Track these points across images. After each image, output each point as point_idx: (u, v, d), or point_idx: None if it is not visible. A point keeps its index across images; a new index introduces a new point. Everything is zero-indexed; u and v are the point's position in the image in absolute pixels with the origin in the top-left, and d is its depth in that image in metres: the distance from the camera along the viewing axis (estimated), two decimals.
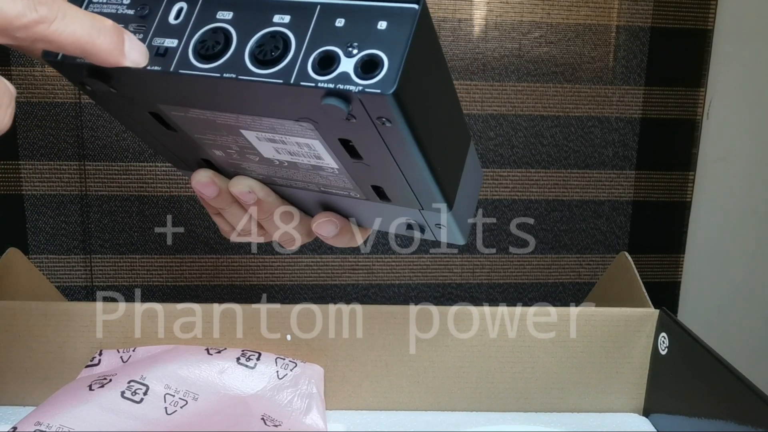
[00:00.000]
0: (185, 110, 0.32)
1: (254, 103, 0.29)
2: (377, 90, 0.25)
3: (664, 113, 0.73)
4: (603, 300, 0.60)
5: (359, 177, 0.33)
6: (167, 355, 0.48)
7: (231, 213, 0.39)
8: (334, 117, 0.28)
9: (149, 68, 0.29)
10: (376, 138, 0.29)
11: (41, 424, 0.41)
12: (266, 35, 0.28)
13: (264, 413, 0.46)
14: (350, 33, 0.27)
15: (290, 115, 0.29)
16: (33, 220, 0.69)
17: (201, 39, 0.29)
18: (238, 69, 0.28)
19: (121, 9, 0.30)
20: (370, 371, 0.52)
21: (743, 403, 0.40)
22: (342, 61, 0.26)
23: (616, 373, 0.53)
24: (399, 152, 0.30)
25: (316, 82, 0.26)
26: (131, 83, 0.30)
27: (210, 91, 0.29)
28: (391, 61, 0.26)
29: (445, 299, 0.75)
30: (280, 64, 0.27)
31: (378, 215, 0.39)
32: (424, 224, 0.38)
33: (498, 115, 0.71)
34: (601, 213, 0.75)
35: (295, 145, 0.32)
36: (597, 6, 0.70)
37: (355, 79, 0.26)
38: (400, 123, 0.27)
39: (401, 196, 0.35)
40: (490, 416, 0.52)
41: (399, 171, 0.31)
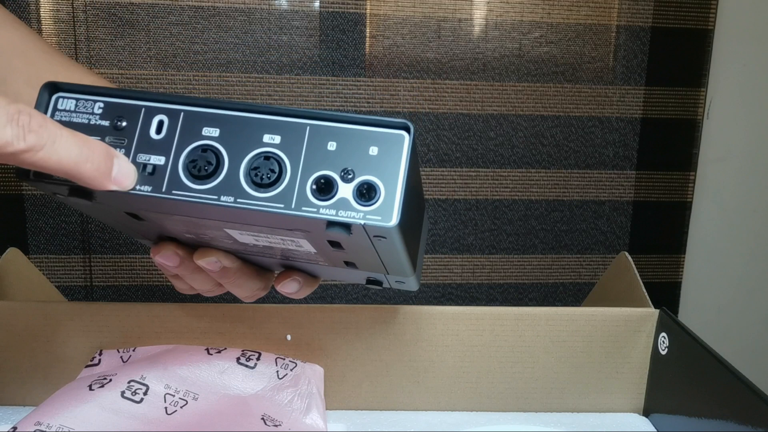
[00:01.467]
0: (168, 216, 0.31)
1: (248, 220, 0.29)
2: (379, 219, 0.27)
3: (664, 113, 0.73)
4: (603, 300, 0.60)
5: (334, 257, 0.34)
6: (167, 355, 0.48)
7: (191, 278, 0.39)
8: (332, 236, 0.28)
9: (139, 189, 0.28)
10: (366, 243, 0.30)
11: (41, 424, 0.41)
12: (260, 156, 0.28)
13: (264, 413, 0.46)
14: (343, 157, 0.27)
15: (285, 228, 0.30)
16: (33, 220, 0.69)
17: (191, 158, 0.28)
18: (234, 192, 0.28)
19: (93, 119, 0.29)
20: (370, 371, 0.51)
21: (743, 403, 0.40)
22: (340, 187, 0.27)
23: (616, 373, 0.53)
24: (385, 252, 0.31)
25: (318, 209, 0.27)
26: (115, 199, 0.29)
27: (202, 210, 0.29)
28: (388, 189, 0.27)
29: (445, 299, 0.75)
30: (277, 188, 0.27)
31: (341, 274, 0.40)
32: (383, 280, 0.40)
33: (498, 115, 0.71)
34: (601, 213, 0.75)
35: (278, 238, 0.32)
36: (597, 6, 0.70)
37: (355, 205, 0.27)
38: (395, 240, 0.29)
39: (370, 267, 0.36)
40: (490, 416, 0.52)
41: (377, 257, 0.33)
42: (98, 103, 0.29)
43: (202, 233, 0.33)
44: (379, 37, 0.68)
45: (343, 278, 0.43)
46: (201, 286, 0.40)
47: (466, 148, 0.72)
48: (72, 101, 0.29)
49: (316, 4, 0.67)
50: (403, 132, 0.28)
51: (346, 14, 0.67)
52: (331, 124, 0.28)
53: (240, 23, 0.67)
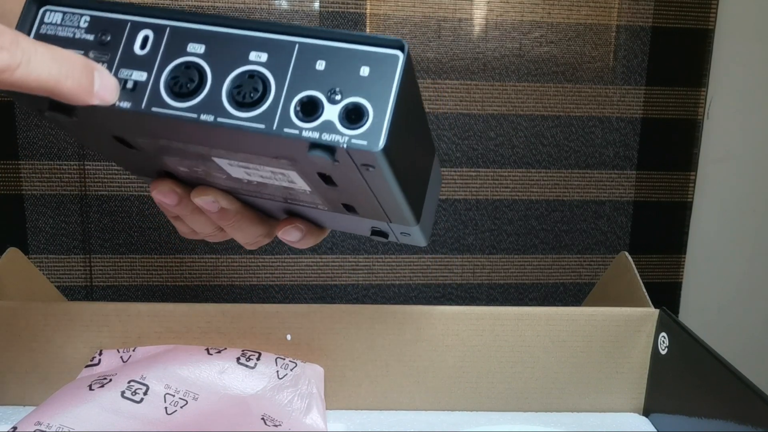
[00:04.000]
0: (153, 139, 0.30)
1: (230, 142, 0.28)
2: (364, 143, 0.25)
3: (665, 113, 0.73)
4: (603, 300, 0.60)
5: (331, 198, 0.33)
6: (167, 355, 0.48)
7: (191, 219, 0.38)
8: (317, 162, 0.27)
9: (119, 105, 0.27)
10: (356, 176, 0.28)
11: (41, 423, 0.41)
12: (244, 75, 0.27)
13: (264, 413, 0.46)
14: (332, 77, 0.26)
15: (268, 154, 0.29)
16: (33, 220, 0.69)
17: (173, 74, 0.27)
18: (215, 110, 0.27)
19: (78, 33, 0.28)
20: (370, 371, 0.51)
21: (743, 403, 0.40)
22: (325, 108, 0.26)
23: (616, 373, 0.53)
24: (377, 187, 0.30)
25: (300, 130, 0.26)
26: (96, 116, 0.29)
27: (183, 129, 0.28)
28: (377, 112, 0.25)
29: (445, 299, 0.75)
30: (260, 108, 0.26)
31: (343, 222, 0.38)
32: (389, 231, 0.38)
33: (498, 115, 0.71)
34: (601, 213, 0.75)
35: (268, 172, 0.31)
36: (598, 5, 0.70)
37: (340, 128, 0.26)
38: (384, 170, 0.27)
39: (370, 212, 0.35)
40: (490, 416, 0.52)
41: (374, 198, 0.31)
42: (84, 17, 0.28)
43: (195, 166, 0.32)
44: None
45: (347, 227, 0.40)
46: (202, 228, 0.39)
47: (466, 148, 0.72)
48: (59, 14, 0.28)
49: (316, 4, 0.67)
50: (396, 51, 0.26)
51: (346, 14, 0.67)
52: (322, 42, 0.27)
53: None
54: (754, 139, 0.77)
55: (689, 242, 0.77)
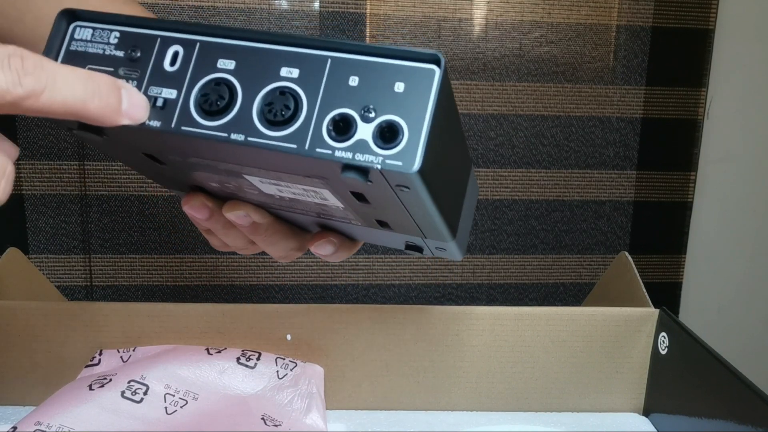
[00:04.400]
0: (183, 157, 0.30)
1: (261, 161, 0.27)
2: (399, 164, 0.24)
3: (665, 113, 0.73)
4: (603, 300, 0.60)
5: (364, 213, 0.32)
6: (167, 354, 0.48)
7: (224, 233, 0.38)
8: (349, 183, 0.26)
9: (148, 124, 0.26)
10: (390, 195, 0.27)
11: (41, 423, 0.41)
12: (275, 91, 0.26)
13: (264, 413, 0.46)
14: (366, 94, 0.25)
15: (300, 173, 0.28)
16: (33, 220, 0.69)
17: (203, 92, 0.26)
18: (246, 129, 0.26)
19: (108, 50, 0.27)
20: (370, 371, 0.51)
21: (743, 403, 0.40)
22: (359, 127, 0.25)
23: (616, 373, 0.53)
24: (412, 206, 0.29)
25: (333, 150, 0.25)
26: (126, 135, 0.28)
27: (214, 148, 0.27)
28: (412, 131, 0.24)
29: (445, 299, 0.75)
30: (291, 126, 0.25)
31: (377, 236, 0.37)
32: (423, 246, 0.37)
33: (498, 115, 0.71)
34: (602, 213, 0.75)
35: (300, 189, 0.30)
36: (598, 5, 0.70)
37: (374, 148, 0.25)
38: (419, 190, 0.26)
39: (405, 228, 0.34)
40: (490, 416, 0.52)
41: (408, 215, 0.30)
42: (114, 33, 0.27)
43: (226, 181, 0.32)
44: (379, 37, 0.68)
45: (381, 241, 0.39)
46: (234, 242, 0.39)
47: None
48: (89, 30, 0.28)
49: (316, 4, 0.67)
50: (432, 66, 0.25)
51: (346, 14, 0.67)
52: (355, 57, 0.26)
53: (240, 23, 0.67)
54: (754, 139, 0.77)
55: (689, 242, 0.77)
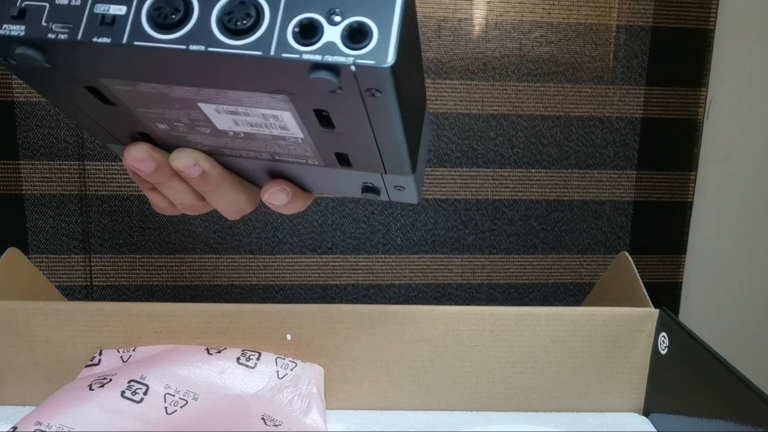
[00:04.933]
0: (133, 84, 0.28)
1: (222, 76, 0.26)
2: (373, 62, 0.24)
3: (665, 113, 0.73)
4: (603, 300, 0.60)
5: (324, 145, 0.31)
6: (167, 354, 0.48)
7: (169, 187, 0.36)
8: (318, 90, 0.25)
9: (96, 40, 0.25)
10: (358, 108, 0.27)
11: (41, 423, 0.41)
12: (233, 1, 0.25)
13: (264, 413, 0.46)
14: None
15: (263, 88, 0.27)
16: (33, 220, 0.69)
17: (155, 5, 0.25)
18: (206, 40, 0.25)
19: None
20: (370, 371, 0.51)
21: (743, 403, 0.40)
22: (326, 30, 0.24)
23: (616, 373, 0.53)
24: (379, 122, 0.28)
25: (300, 54, 0.24)
26: (71, 56, 0.26)
27: (169, 65, 0.26)
28: (382, 30, 0.24)
29: (445, 299, 0.75)
30: (254, 34, 0.25)
31: (333, 180, 0.37)
32: (381, 187, 0.37)
33: (498, 115, 0.71)
34: (602, 213, 0.75)
35: (259, 116, 0.29)
36: (598, 5, 0.70)
37: (344, 49, 0.24)
38: (390, 94, 0.25)
39: (365, 162, 0.33)
40: (490, 416, 0.52)
41: (373, 139, 0.30)
42: None
43: (176, 119, 0.31)
44: None
45: (337, 188, 0.38)
46: (182, 198, 0.36)
47: (466, 148, 0.72)
48: None
49: None
50: None
51: None
52: None
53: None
54: (754, 139, 0.77)
55: (689, 242, 0.77)
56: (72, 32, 0.25)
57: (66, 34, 0.25)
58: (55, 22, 0.25)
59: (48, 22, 0.25)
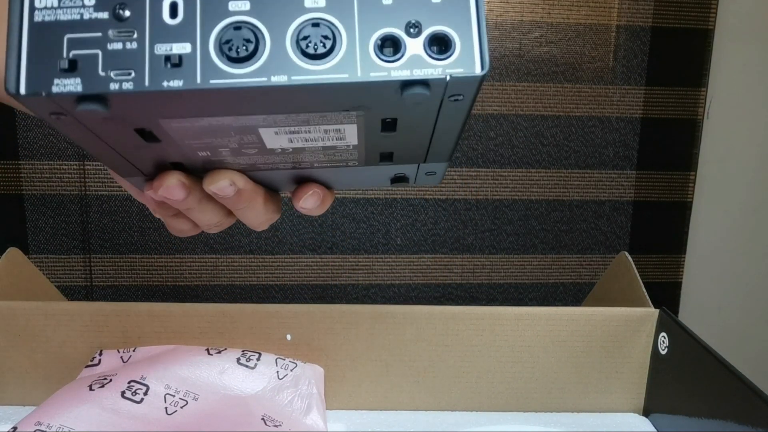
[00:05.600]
0: (195, 120, 0.26)
1: (300, 102, 0.25)
2: (463, 71, 0.23)
3: (664, 113, 0.73)
4: (603, 300, 0.60)
5: (373, 147, 0.31)
6: (167, 355, 0.48)
7: (198, 210, 0.34)
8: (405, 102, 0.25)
9: (168, 85, 0.23)
10: (431, 111, 0.26)
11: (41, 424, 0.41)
12: (307, 24, 0.24)
13: (264, 413, 0.46)
14: (403, 11, 0.24)
15: (341, 107, 0.26)
16: (33, 220, 0.69)
17: (224, 39, 0.23)
18: (286, 69, 0.23)
19: (87, 13, 0.23)
20: (370, 371, 0.51)
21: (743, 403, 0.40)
22: (407, 44, 0.24)
23: (616, 373, 0.53)
24: (447, 120, 0.28)
25: (389, 72, 0.23)
26: (135, 104, 0.24)
27: (245, 98, 0.24)
28: (463, 38, 0.24)
29: (445, 299, 0.75)
30: (335, 57, 0.23)
31: (363, 176, 0.36)
32: (412, 174, 0.36)
33: (498, 114, 0.71)
34: (601, 213, 0.75)
35: (321, 132, 0.28)
36: (597, 5, 0.70)
37: (430, 61, 0.24)
38: (471, 97, 0.25)
39: (408, 156, 0.32)
40: (490, 416, 0.52)
41: (429, 135, 0.29)
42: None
43: (224, 145, 0.29)
44: None
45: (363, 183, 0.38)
46: (209, 218, 0.35)
47: (466, 148, 0.72)
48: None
49: None
50: None
51: None
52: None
53: None
54: (754, 139, 0.77)
55: (689, 242, 0.77)
56: (137, 80, 0.23)
57: (131, 82, 0.23)
58: (114, 70, 0.23)
59: (106, 70, 0.23)
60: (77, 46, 0.23)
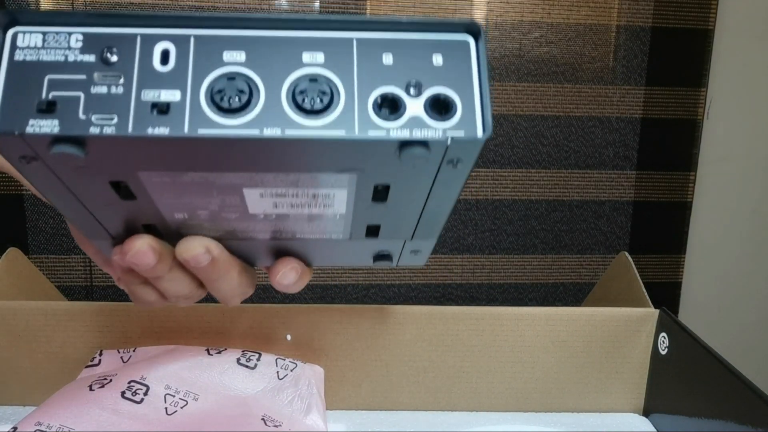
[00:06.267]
0: (177, 175, 0.24)
1: (292, 159, 0.24)
2: (464, 134, 0.22)
3: (664, 113, 0.73)
4: (603, 300, 0.60)
5: (361, 218, 0.29)
6: (167, 355, 0.48)
7: (168, 279, 0.32)
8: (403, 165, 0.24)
9: (152, 132, 0.22)
10: (426, 178, 0.25)
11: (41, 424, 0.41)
12: (304, 79, 0.23)
13: (264, 414, 0.46)
14: (404, 71, 0.23)
15: (334, 167, 0.24)
16: (33, 220, 0.69)
17: (216, 88, 0.22)
18: (279, 122, 0.22)
19: (72, 55, 0.22)
20: (370, 371, 0.51)
21: (743, 403, 0.40)
22: (407, 104, 0.23)
23: (616, 373, 0.53)
24: (442, 188, 0.26)
25: (387, 131, 0.22)
26: (115, 150, 0.23)
27: (233, 152, 0.23)
28: (465, 101, 0.23)
29: (445, 299, 0.75)
30: (332, 113, 0.22)
31: (344, 251, 0.34)
32: (396, 253, 0.35)
33: (498, 115, 0.71)
34: (601, 213, 0.75)
35: (308, 197, 0.27)
36: (597, 6, 0.70)
37: (430, 122, 0.23)
38: (471, 162, 0.24)
39: (396, 231, 0.31)
40: (490, 416, 0.52)
41: (421, 207, 0.28)
42: (75, 35, 0.22)
43: (203, 207, 0.27)
44: None
45: (345, 260, 0.36)
46: (179, 289, 0.33)
47: None
48: (37, 36, 0.22)
49: (316, 4, 0.67)
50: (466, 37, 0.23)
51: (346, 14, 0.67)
52: (381, 35, 0.23)
53: None
54: (754, 139, 0.77)
55: (689, 242, 0.77)
56: (120, 125, 0.22)
57: (113, 127, 0.21)
58: (96, 113, 0.22)
59: (87, 113, 0.22)
60: (58, 88, 0.22)
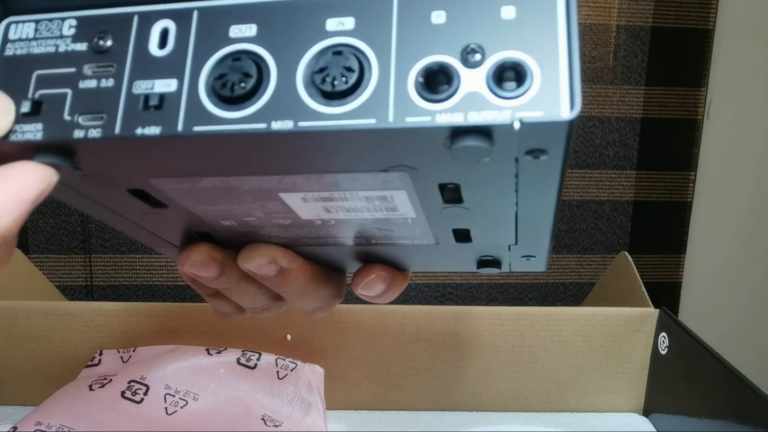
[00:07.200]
0: (193, 180, 0.21)
1: (317, 158, 0.19)
2: (542, 114, 0.16)
3: (664, 113, 0.73)
4: (603, 300, 0.60)
5: (441, 222, 0.24)
6: (167, 355, 0.48)
7: (238, 292, 0.29)
8: (459, 160, 0.18)
9: (141, 132, 0.18)
10: (504, 175, 0.19)
11: (41, 423, 0.41)
12: (327, 52, 0.18)
13: (264, 413, 0.46)
14: (460, 31, 0.17)
15: (375, 166, 0.19)
16: (33, 220, 0.69)
17: (217, 73, 0.18)
18: (292, 112, 0.18)
19: (64, 45, 0.19)
20: (370, 371, 0.51)
21: (743, 403, 0.40)
22: (462, 76, 0.17)
23: (616, 373, 0.53)
24: (530, 188, 0.20)
25: (433, 116, 0.17)
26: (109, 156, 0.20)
27: (243, 151, 0.19)
28: (546, 67, 0.17)
29: (445, 299, 0.75)
30: (361, 95, 0.17)
31: (440, 257, 0.28)
32: (504, 258, 0.29)
33: None
34: (601, 213, 0.75)
35: (361, 200, 0.22)
36: (598, 5, 0.70)
37: (494, 100, 0.17)
38: (558, 154, 0.18)
39: (492, 236, 0.25)
40: (490, 416, 0.52)
41: (513, 209, 0.22)
42: (68, 21, 0.20)
43: (247, 214, 0.23)
44: None
45: (442, 266, 0.30)
46: (253, 301, 0.30)
47: None
48: (30, 25, 0.20)
49: None
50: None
51: None
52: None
53: None
54: (754, 139, 0.77)
55: (689, 242, 0.77)
56: (107, 125, 0.18)
57: (99, 129, 0.18)
58: (83, 114, 0.19)
59: (72, 114, 0.19)
60: (46, 85, 0.19)
